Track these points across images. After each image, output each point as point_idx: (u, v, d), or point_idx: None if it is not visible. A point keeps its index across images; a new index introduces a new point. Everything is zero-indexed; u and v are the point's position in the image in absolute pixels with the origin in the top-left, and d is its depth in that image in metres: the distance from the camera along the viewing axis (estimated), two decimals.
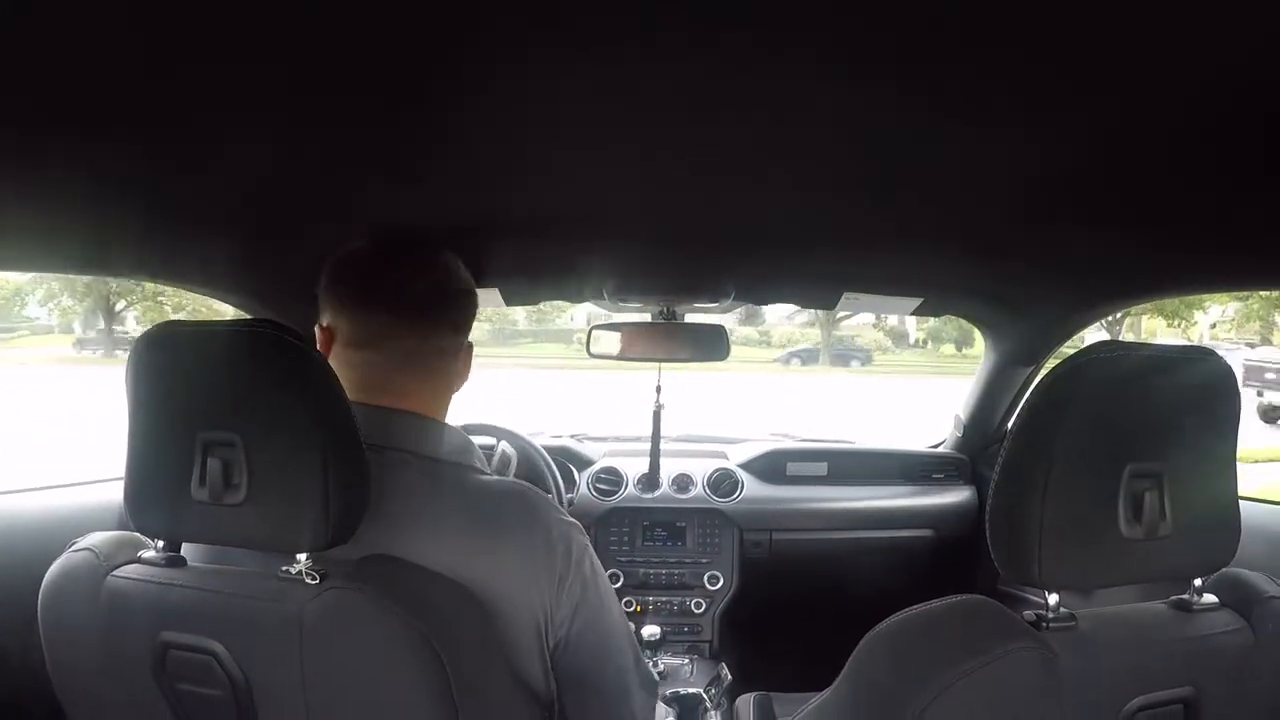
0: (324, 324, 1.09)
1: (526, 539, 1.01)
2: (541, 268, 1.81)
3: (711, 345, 2.06)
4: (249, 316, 1.69)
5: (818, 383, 19.52)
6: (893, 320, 27.73)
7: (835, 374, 23.67)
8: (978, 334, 2.33)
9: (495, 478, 1.07)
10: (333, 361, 1.04)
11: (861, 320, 26.75)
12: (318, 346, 1.07)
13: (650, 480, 2.37)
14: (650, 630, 1.99)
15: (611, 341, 2.11)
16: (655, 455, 2.35)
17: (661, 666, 2.06)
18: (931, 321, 26.85)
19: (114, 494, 1.33)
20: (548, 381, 16.45)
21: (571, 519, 1.09)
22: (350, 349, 1.07)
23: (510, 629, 0.98)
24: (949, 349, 28.29)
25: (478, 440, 2.07)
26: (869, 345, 28.40)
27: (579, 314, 21.32)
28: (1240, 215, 1.11)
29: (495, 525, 1.01)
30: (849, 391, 17.24)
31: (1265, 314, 19.35)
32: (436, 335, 1.11)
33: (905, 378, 21.43)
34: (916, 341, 29.17)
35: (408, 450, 1.04)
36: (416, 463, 1.03)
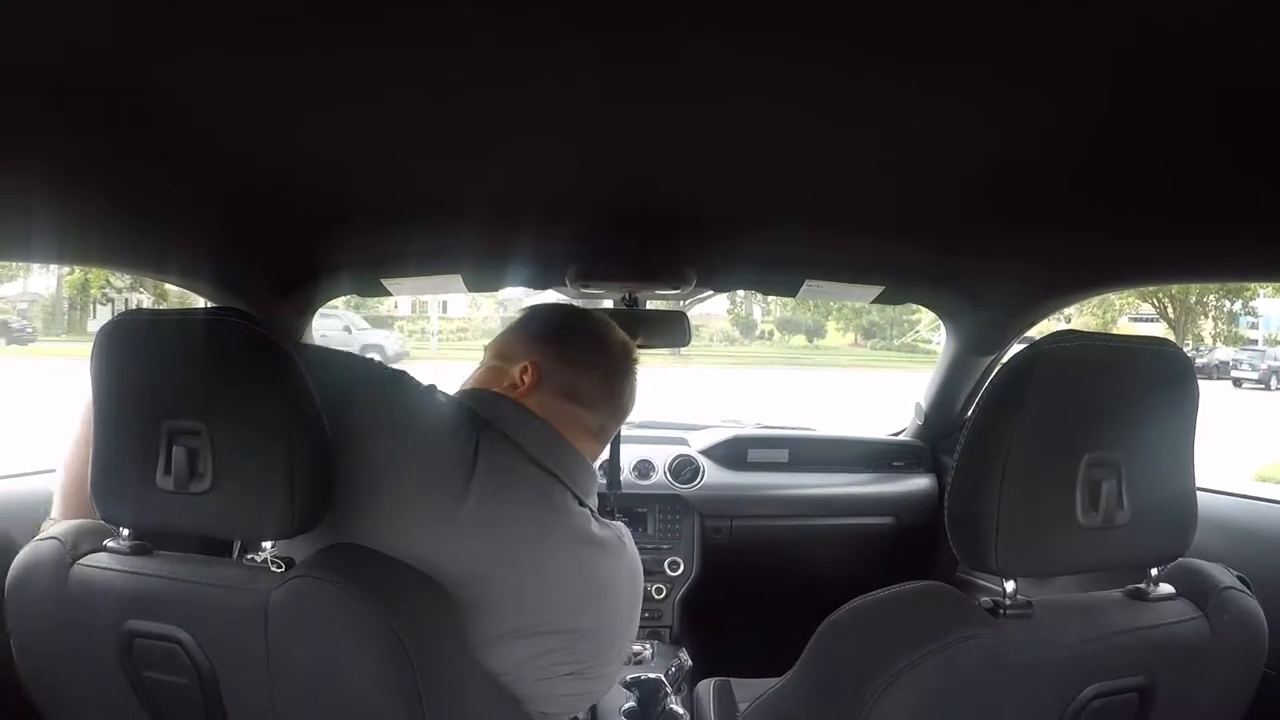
0: (535, 361, 1.18)
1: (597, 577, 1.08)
2: (504, 254, 1.80)
3: (672, 331, 2.05)
4: (214, 305, 1.67)
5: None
6: (742, 309, 27.65)
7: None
8: (831, 326, 2.34)
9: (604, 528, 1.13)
10: (536, 395, 1.15)
11: (710, 309, 26.37)
12: (524, 381, 1.15)
13: (612, 472, 2.35)
14: None
15: None
16: (616, 445, 2.33)
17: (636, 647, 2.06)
18: (777, 311, 27.12)
19: None
20: None
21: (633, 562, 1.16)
22: (559, 397, 1.17)
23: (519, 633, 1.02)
24: (799, 340, 28.18)
25: None
26: (717, 334, 27.76)
27: (402, 301, 20.93)
28: (1199, 206, 1.13)
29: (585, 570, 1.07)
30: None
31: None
32: (619, 418, 1.27)
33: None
34: (762, 333, 29.05)
35: (571, 488, 1.11)
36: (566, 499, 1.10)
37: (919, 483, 2.55)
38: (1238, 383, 17.46)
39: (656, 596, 2.36)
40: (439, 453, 1.03)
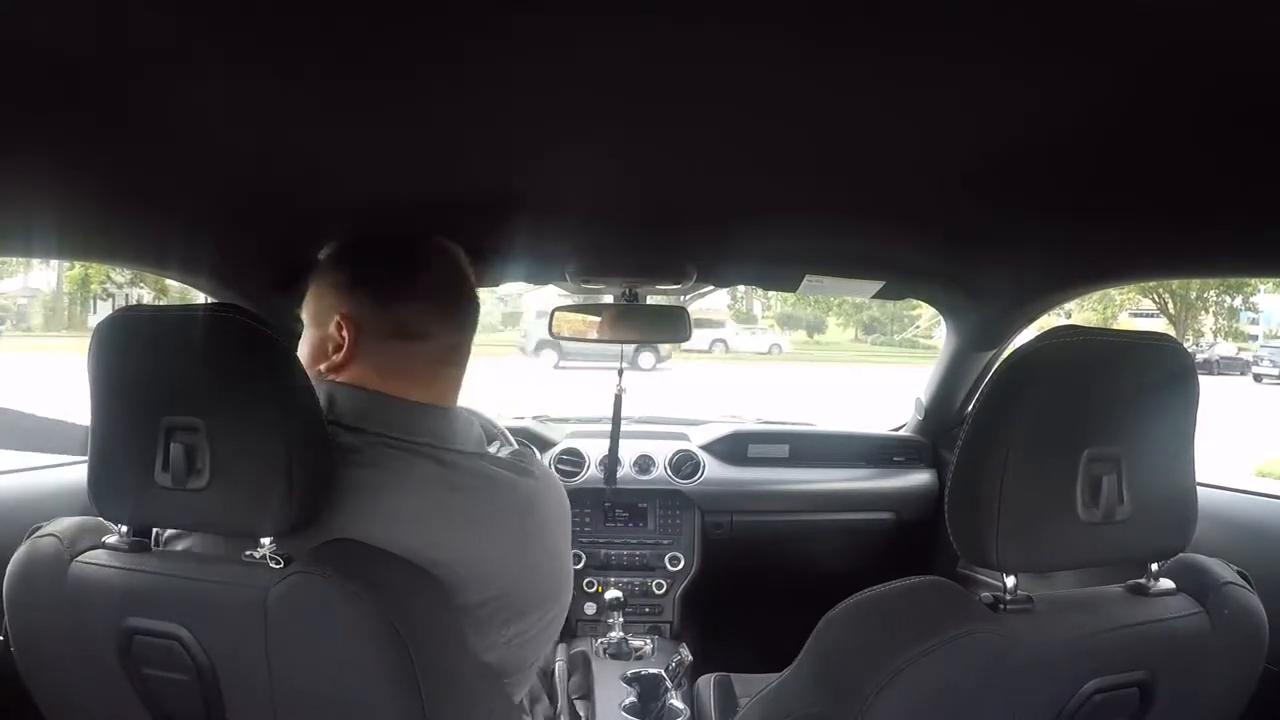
0: (345, 313, 1.06)
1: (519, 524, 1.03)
2: (503, 249, 1.79)
3: (673, 326, 2.05)
4: (213, 300, 1.67)
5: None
6: (743, 305, 27.72)
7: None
8: (831, 321, 2.34)
9: (508, 463, 1.07)
10: (363, 352, 1.05)
11: (710, 305, 26.17)
12: (344, 338, 1.06)
13: (610, 468, 2.36)
14: (612, 594, 2.04)
15: (574, 323, 2.11)
16: (615, 441, 2.35)
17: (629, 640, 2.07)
18: (778, 307, 27.12)
19: (78, 476, 1.31)
20: None
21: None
22: (388, 340, 1.07)
23: (497, 612, 1.00)
24: (800, 335, 28.10)
25: None
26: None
27: None
28: (1202, 200, 1.13)
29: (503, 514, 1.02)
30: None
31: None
32: (466, 330, 1.14)
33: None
34: (763, 328, 28.69)
35: (440, 446, 1.03)
36: (444, 455, 1.02)
37: (919, 478, 2.55)
38: (1259, 378, 17.76)
39: (657, 591, 2.38)
40: None
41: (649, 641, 2.09)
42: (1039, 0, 0.64)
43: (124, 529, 0.95)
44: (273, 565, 0.87)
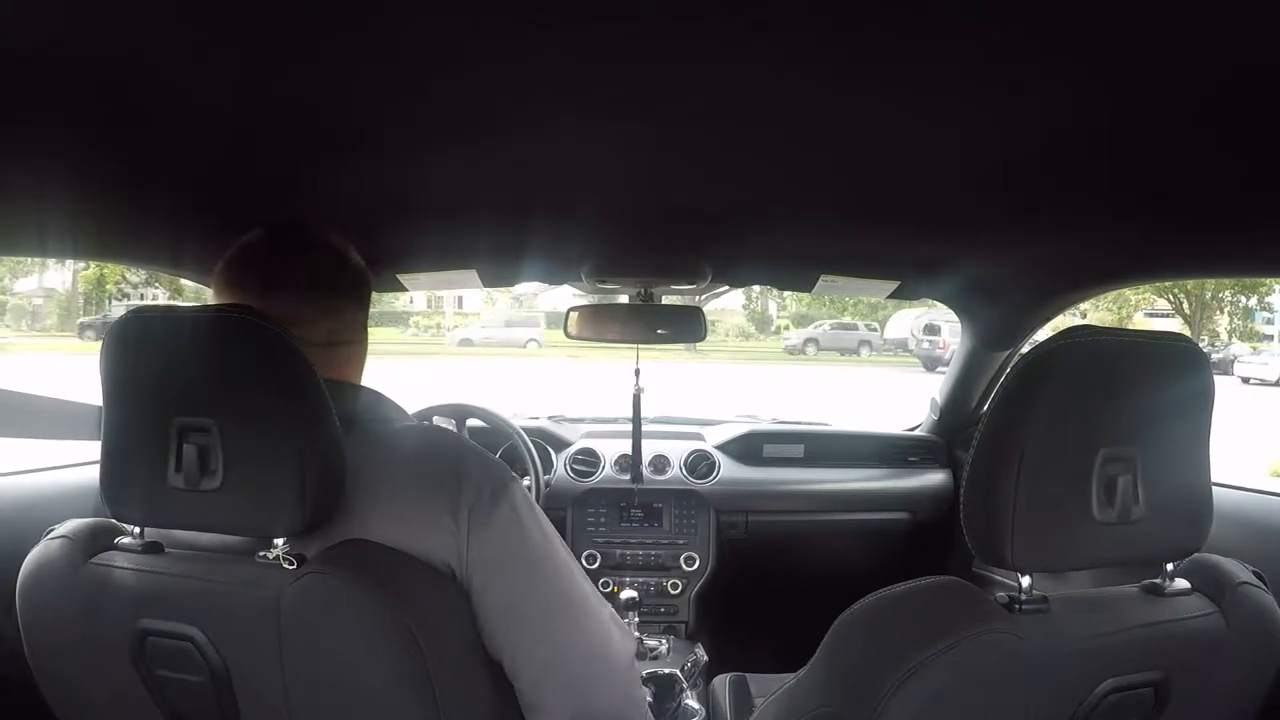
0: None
1: (438, 488, 0.97)
2: (519, 249, 1.80)
3: (688, 326, 2.05)
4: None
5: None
6: (758, 305, 27.75)
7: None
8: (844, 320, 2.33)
9: (407, 424, 1.05)
10: None
11: (725, 305, 26.03)
12: None
13: (634, 468, 2.36)
14: (627, 594, 2.02)
15: (589, 323, 2.11)
16: (637, 440, 2.34)
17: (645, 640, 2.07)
18: (793, 307, 26.91)
19: (90, 477, 1.31)
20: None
21: (493, 460, 1.04)
22: None
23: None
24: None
25: (440, 422, 2.09)
26: (733, 329, 27.45)
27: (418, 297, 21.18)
28: (1218, 200, 1.12)
29: (412, 482, 0.97)
30: None
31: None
32: (339, 313, 1.08)
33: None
34: (777, 329, 28.76)
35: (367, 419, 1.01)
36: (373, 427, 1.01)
37: (934, 478, 2.55)
38: (1246, 380, 17.68)
39: (672, 591, 2.38)
40: None
41: (664, 642, 2.08)
42: (1054, 7, 0.64)
43: (137, 530, 0.95)
44: (286, 566, 0.87)
